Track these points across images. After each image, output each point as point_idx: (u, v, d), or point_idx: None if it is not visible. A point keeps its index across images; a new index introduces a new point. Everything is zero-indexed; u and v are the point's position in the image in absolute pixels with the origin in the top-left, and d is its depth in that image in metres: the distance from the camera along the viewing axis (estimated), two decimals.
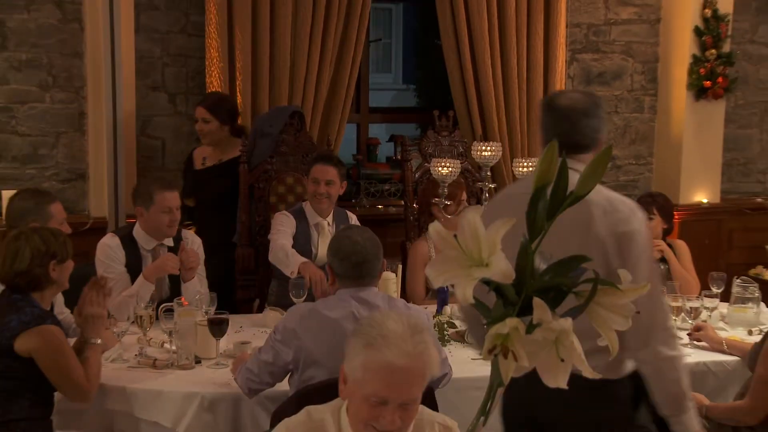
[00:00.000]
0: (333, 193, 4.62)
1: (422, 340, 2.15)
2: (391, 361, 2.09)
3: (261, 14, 5.47)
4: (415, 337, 2.15)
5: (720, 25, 6.30)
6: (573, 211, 1.90)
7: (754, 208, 6.33)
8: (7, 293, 3.35)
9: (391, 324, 2.17)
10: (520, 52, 5.94)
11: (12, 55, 5.53)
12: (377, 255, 3.28)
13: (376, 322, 2.18)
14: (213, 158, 5.24)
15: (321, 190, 4.57)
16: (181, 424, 3.35)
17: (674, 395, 2.88)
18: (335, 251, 3.27)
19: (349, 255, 3.22)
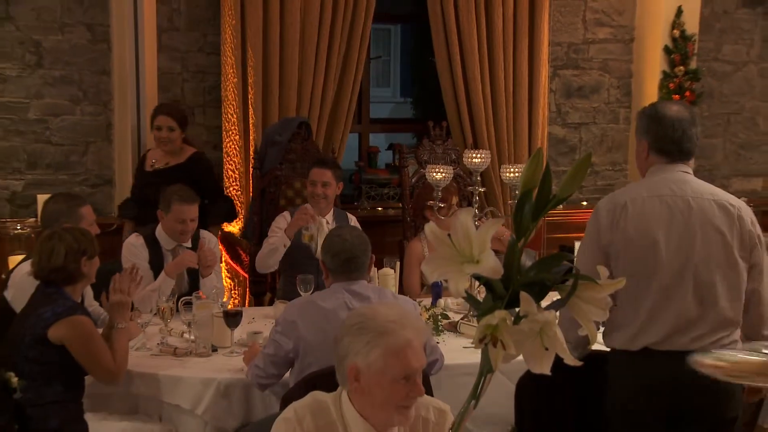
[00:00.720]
0: (329, 194, 4.63)
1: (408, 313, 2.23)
2: (410, 338, 2.14)
3: (271, 35, 5.47)
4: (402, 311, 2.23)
5: (687, 45, 6.32)
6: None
7: None
8: (42, 287, 3.37)
9: (388, 312, 2.21)
10: (507, 68, 5.94)
11: (47, 73, 5.55)
12: (365, 252, 3.31)
13: (375, 315, 2.19)
14: (161, 162, 5.10)
15: (318, 191, 4.59)
16: (200, 407, 3.36)
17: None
18: (327, 249, 3.31)
19: (339, 252, 3.25)
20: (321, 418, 2.17)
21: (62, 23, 5.54)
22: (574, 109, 6.60)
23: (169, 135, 4.97)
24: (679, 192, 2.95)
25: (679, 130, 3.00)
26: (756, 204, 6.14)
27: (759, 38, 6.88)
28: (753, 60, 6.91)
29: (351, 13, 5.61)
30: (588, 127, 6.61)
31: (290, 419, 2.17)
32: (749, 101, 6.95)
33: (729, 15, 6.80)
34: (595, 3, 6.50)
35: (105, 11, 5.57)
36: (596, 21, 6.53)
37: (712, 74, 6.76)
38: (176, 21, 5.71)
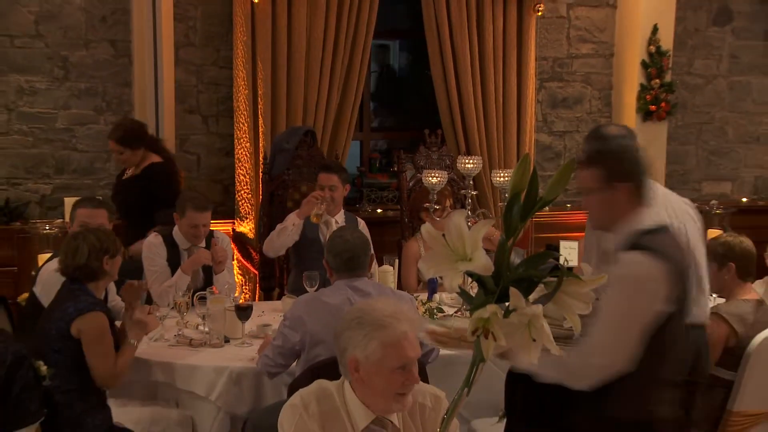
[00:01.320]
0: (336, 196, 4.61)
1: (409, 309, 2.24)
2: (405, 330, 2.12)
3: (279, 50, 5.47)
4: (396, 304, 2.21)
5: (662, 60, 6.34)
6: None
7: None
8: (67, 284, 3.36)
9: (385, 307, 2.19)
10: (497, 81, 5.94)
11: (73, 85, 5.56)
12: (365, 251, 3.31)
13: (373, 310, 2.18)
14: (129, 172, 5.05)
15: (326, 195, 4.57)
16: (213, 393, 3.35)
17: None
18: (330, 248, 3.31)
19: (342, 252, 3.25)
20: (325, 404, 2.16)
21: (87, 40, 5.55)
22: (558, 119, 6.60)
23: (118, 158, 4.95)
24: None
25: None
26: (726, 206, 6.16)
27: (727, 54, 6.91)
28: (722, 74, 6.93)
29: (353, 30, 5.61)
30: (572, 135, 6.61)
31: (296, 405, 2.16)
32: (719, 112, 6.97)
33: (700, 33, 6.82)
34: (578, 21, 6.51)
35: (126, 28, 5.57)
36: (579, 37, 6.53)
37: (685, 87, 6.76)
38: (192, 37, 5.71)
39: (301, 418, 2.13)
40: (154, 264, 4.24)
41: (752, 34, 6.92)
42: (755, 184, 7.13)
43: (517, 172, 1.62)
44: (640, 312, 2.37)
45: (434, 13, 5.76)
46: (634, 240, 2.45)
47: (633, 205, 2.54)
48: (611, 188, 2.54)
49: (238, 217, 5.61)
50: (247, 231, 5.53)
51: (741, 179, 7.10)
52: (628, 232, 2.49)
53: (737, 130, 7.02)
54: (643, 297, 2.38)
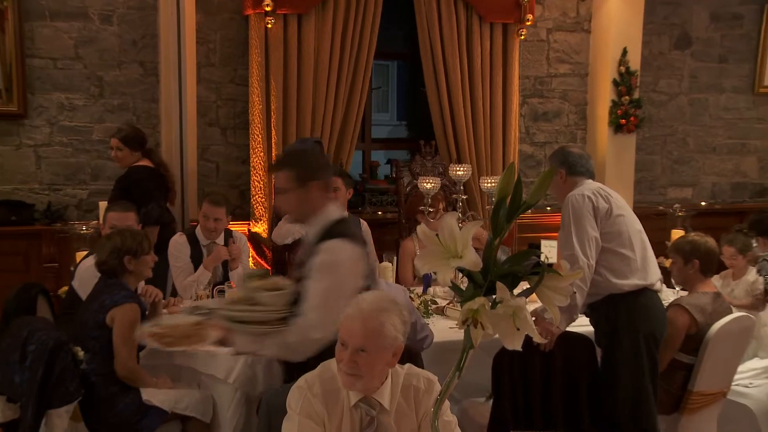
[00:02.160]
0: (340, 198, 4.57)
1: (383, 308, 2.13)
2: (350, 314, 2.12)
3: (290, 69, 5.46)
4: (378, 303, 2.14)
5: (631, 79, 6.36)
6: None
7: (657, 214, 6.30)
8: (104, 278, 3.37)
9: (368, 296, 2.20)
10: (485, 97, 5.93)
11: (107, 101, 5.56)
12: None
13: (361, 296, 2.20)
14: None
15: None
16: (231, 376, 3.34)
17: None
18: None
19: None
20: (328, 385, 2.15)
21: (120, 61, 5.55)
22: (539, 131, 6.60)
23: (116, 154, 4.87)
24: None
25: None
26: (687, 209, 6.16)
27: (687, 74, 6.96)
28: (683, 92, 6.97)
29: (356, 51, 5.60)
30: (551, 145, 6.61)
31: (302, 387, 2.15)
32: (681, 125, 6.99)
33: (664, 55, 6.85)
34: (556, 44, 6.51)
35: (154, 51, 5.57)
36: (557, 58, 6.53)
37: (651, 103, 6.78)
38: (212, 58, 5.71)
39: (305, 397, 2.13)
40: (179, 260, 4.24)
41: (709, 57, 6.97)
42: (712, 189, 7.15)
43: (503, 179, 1.61)
44: (347, 289, 2.49)
45: (428, 37, 5.75)
46: (329, 229, 2.60)
47: (324, 200, 2.72)
48: (304, 187, 2.70)
49: (253, 219, 5.59)
50: (261, 231, 5.52)
51: (700, 185, 7.11)
52: (323, 223, 2.63)
53: (697, 141, 7.04)
54: (349, 276, 2.54)
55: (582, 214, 3.22)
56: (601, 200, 3.27)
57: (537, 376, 3.08)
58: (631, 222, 3.33)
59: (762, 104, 7.09)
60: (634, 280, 3.22)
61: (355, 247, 2.58)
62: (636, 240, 3.29)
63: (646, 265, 3.28)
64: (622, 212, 3.31)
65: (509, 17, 5.89)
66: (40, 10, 5.33)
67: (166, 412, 3.28)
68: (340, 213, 2.74)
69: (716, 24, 6.90)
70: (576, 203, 3.25)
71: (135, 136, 4.86)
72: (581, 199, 3.26)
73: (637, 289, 3.22)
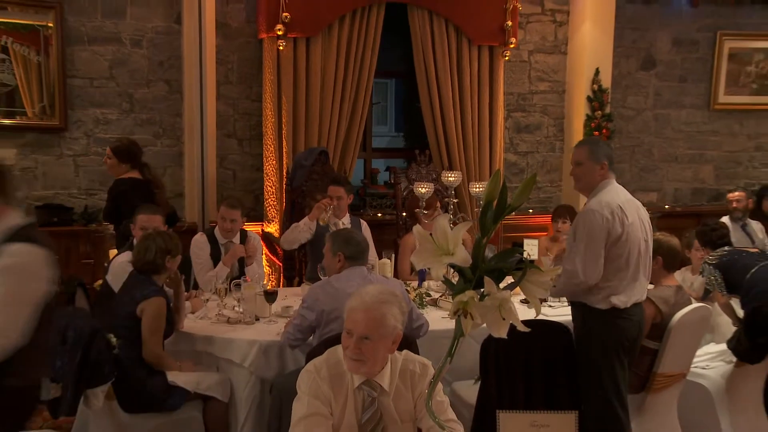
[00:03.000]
0: (342, 204, 4.58)
1: (384, 300, 2.14)
2: (354, 306, 2.12)
3: (299, 86, 5.45)
4: (379, 296, 2.14)
5: (603, 96, 6.35)
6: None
7: None
8: (136, 274, 3.36)
9: (371, 289, 2.19)
10: (473, 111, 5.92)
11: (137, 116, 5.55)
12: (367, 247, 3.35)
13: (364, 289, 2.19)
14: None
15: (333, 203, 4.53)
16: (246, 361, 3.34)
17: None
18: (348, 240, 3.28)
19: (357, 244, 3.26)
20: (333, 369, 2.15)
21: (148, 80, 5.54)
22: (522, 142, 6.59)
23: (106, 161, 4.60)
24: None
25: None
26: (652, 211, 6.14)
27: (652, 92, 6.95)
28: (648, 108, 6.97)
29: (358, 70, 5.59)
30: (533, 154, 6.61)
31: (311, 371, 2.15)
32: (647, 137, 7.00)
33: (631, 75, 6.86)
34: (537, 64, 6.51)
35: (179, 71, 5.56)
36: (538, 77, 6.53)
37: (620, 117, 6.78)
38: (230, 77, 5.70)
39: (314, 380, 2.12)
40: (200, 258, 4.23)
41: (670, 78, 6.98)
42: (675, 194, 7.15)
43: (490, 185, 1.60)
44: (32, 293, 2.19)
45: (422, 58, 5.74)
46: (13, 233, 2.21)
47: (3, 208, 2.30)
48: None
49: (266, 220, 5.58)
50: (273, 231, 5.51)
51: (664, 190, 7.12)
52: (4, 229, 2.23)
53: (661, 151, 7.05)
54: (33, 280, 2.20)
55: (594, 233, 3.02)
56: (617, 224, 3.05)
57: (520, 360, 3.07)
58: (634, 244, 3.11)
59: (716, 119, 7.12)
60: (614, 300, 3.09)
61: (42, 250, 2.22)
62: (632, 263, 3.09)
63: (633, 286, 3.12)
64: (630, 236, 3.08)
65: (495, 40, 5.89)
66: (79, 35, 5.34)
67: (188, 392, 3.28)
68: (24, 219, 2.31)
69: (677, 48, 6.92)
70: (592, 222, 3.04)
71: (125, 149, 4.61)
72: (600, 219, 3.03)
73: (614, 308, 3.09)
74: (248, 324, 3.58)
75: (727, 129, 7.15)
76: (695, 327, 3.49)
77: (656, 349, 3.41)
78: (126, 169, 4.56)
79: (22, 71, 5.17)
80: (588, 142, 3.35)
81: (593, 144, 3.27)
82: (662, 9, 6.76)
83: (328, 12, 5.42)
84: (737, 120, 7.15)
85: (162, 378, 3.26)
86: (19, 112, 5.23)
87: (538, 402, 3.01)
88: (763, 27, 6.95)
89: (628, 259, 3.08)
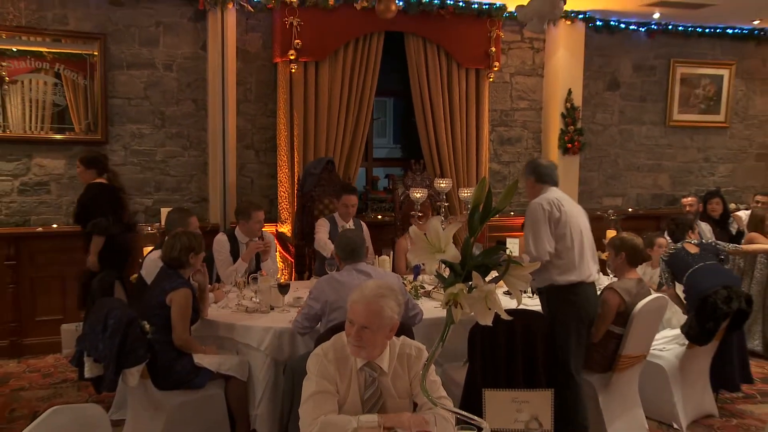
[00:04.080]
0: (353, 211, 4.62)
1: (382, 294, 2.12)
2: (356, 299, 2.10)
3: (309, 104, 5.45)
4: (378, 291, 2.12)
5: (575, 113, 6.35)
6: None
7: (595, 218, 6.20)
8: (164, 269, 3.36)
9: (370, 284, 2.17)
10: (462, 126, 5.92)
11: (167, 130, 5.53)
12: (362, 244, 3.30)
13: (365, 284, 2.17)
14: None
15: (349, 210, 4.58)
16: (263, 345, 3.32)
17: None
18: (338, 244, 3.30)
19: (346, 246, 3.25)
20: (339, 353, 2.13)
21: (177, 99, 5.52)
22: (505, 153, 6.58)
23: (77, 169, 4.53)
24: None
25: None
26: (618, 214, 6.15)
27: (617, 110, 6.95)
28: (614, 124, 6.96)
29: (360, 90, 5.58)
30: (514, 164, 6.59)
31: (319, 354, 2.13)
32: (613, 149, 6.99)
33: (599, 95, 6.85)
34: (517, 85, 6.50)
35: (204, 91, 5.54)
36: (518, 96, 6.52)
37: (590, 132, 6.77)
38: (248, 96, 5.68)
39: (322, 362, 2.11)
40: (221, 254, 4.21)
41: (633, 98, 6.98)
42: (637, 199, 7.15)
43: (477, 190, 1.59)
44: None
45: (417, 79, 5.74)
46: None
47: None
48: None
49: (280, 221, 5.57)
50: (286, 231, 5.50)
51: (628, 195, 7.11)
52: None
53: (625, 161, 7.05)
54: None
55: (537, 219, 3.23)
56: (555, 210, 3.26)
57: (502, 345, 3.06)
58: (575, 228, 3.29)
59: (672, 134, 7.15)
60: (570, 277, 3.24)
61: None
62: (576, 243, 3.27)
63: (582, 263, 3.28)
64: (569, 219, 3.29)
65: (480, 64, 5.90)
66: (119, 62, 5.34)
67: (212, 372, 3.27)
68: None
69: (638, 72, 6.94)
70: (535, 211, 3.26)
71: (90, 157, 4.52)
72: (539, 208, 3.26)
73: (572, 283, 3.25)
74: (264, 313, 3.57)
75: (680, 143, 7.19)
76: (654, 314, 3.50)
77: (621, 334, 3.41)
78: (93, 175, 4.47)
79: (71, 93, 5.21)
80: (528, 164, 3.60)
81: (528, 164, 3.54)
82: (624, 39, 6.80)
83: (334, 39, 5.43)
84: (688, 135, 7.19)
85: (189, 360, 3.25)
86: (68, 129, 5.25)
87: (518, 381, 3.00)
88: (708, 56, 7.08)
89: (572, 238, 3.25)
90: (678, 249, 4.17)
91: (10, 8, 4.97)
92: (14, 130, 5.08)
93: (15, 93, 5.06)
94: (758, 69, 7.31)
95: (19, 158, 5.17)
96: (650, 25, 6.69)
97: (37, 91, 5.12)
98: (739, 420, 3.86)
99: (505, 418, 1.84)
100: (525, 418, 1.84)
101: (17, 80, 5.06)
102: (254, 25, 5.59)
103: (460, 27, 5.78)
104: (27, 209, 5.23)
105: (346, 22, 5.43)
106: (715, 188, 6.71)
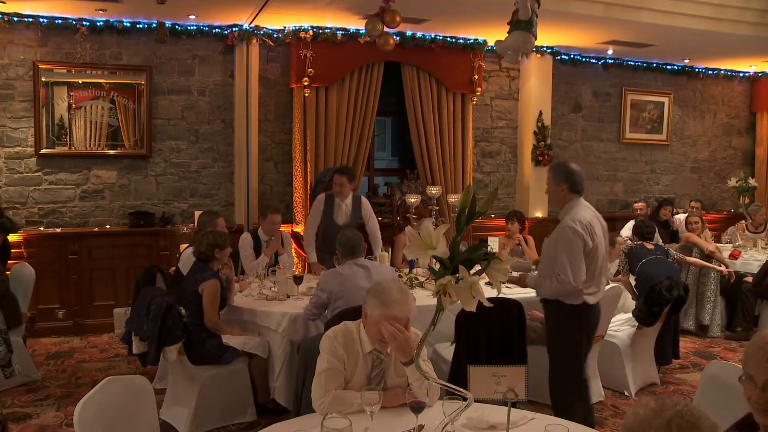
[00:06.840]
0: (345, 191, 4.40)
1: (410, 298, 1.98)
2: (395, 299, 1.95)
3: (320, 123, 5.44)
4: (399, 285, 2.01)
5: (545, 131, 6.35)
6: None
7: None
8: (197, 262, 3.34)
9: (389, 282, 2.05)
10: (450, 141, 5.91)
11: (200, 146, 5.52)
12: (361, 241, 3.26)
13: (385, 289, 1.99)
14: None
15: (337, 189, 4.38)
16: (280, 328, 3.30)
17: None
18: (339, 241, 3.27)
19: (346, 244, 3.23)
20: (347, 336, 2.11)
21: (209, 119, 5.51)
22: (486, 164, 6.57)
23: None
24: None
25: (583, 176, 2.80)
26: None
27: (580, 129, 6.96)
28: (577, 140, 6.97)
29: (363, 111, 5.57)
30: (494, 173, 6.58)
31: (330, 336, 2.11)
32: (576, 162, 6.90)
33: (565, 116, 6.86)
34: (496, 107, 6.50)
35: (232, 112, 5.54)
36: (497, 116, 6.51)
37: (558, 147, 6.77)
38: (269, 116, 5.67)
39: (332, 343, 2.08)
40: (246, 250, 4.20)
41: (593, 119, 7.00)
42: (596, 204, 7.08)
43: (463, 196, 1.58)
44: None
45: (412, 101, 5.73)
46: None
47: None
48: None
49: (295, 222, 5.56)
50: (300, 231, 5.48)
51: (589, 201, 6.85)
52: None
53: (586, 172, 6.75)
54: None
55: (573, 247, 2.67)
56: (588, 238, 2.71)
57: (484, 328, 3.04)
58: (601, 255, 2.78)
59: (625, 150, 7.19)
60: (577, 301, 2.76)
61: None
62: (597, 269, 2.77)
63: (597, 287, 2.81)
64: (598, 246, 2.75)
65: (465, 89, 5.89)
66: (161, 88, 5.36)
67: (238, 351, 3.25)
68: None
69: (596, 98, 6.97)
70: (572, 237, 2.67)
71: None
72: (574, 235, 2.67)
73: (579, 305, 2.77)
74: (281, 300, 3.55)
75: (631, 157, 7.22)
76: (611, 301, 3.53)
77: None
78: None
79: (122, 116, 5.26)
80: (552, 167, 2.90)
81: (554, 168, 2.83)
82: (585, 70, 6.84)
83: (341, 68, 5.43)
84: (638, 150, 7.25)
85: (218, 339, 3.24)
86: (119, 145, 5.29)
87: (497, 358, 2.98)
88: (652, 86, 7.19)
89: (597, 265, 2.78)
90: (639, 245, 4.37)
91: (78, 49, 5.07)
92: (77, 147, 5.17)
93: (79, 117, 5.15)
94: (690, 98, 7.48)
95: (80, 170, 5.23)
96: (606, 59, 6.78)
97: (96, 115, 5.19)
98: (676, 386, 4.02)
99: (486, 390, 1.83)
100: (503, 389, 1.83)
101: (81, 106, 5.14)
102: (274, 57, 5.59)
103: (448, 58, 5.78)
104: (86, 212, 5.26)
105: (352, 53, 5.43)
106: (670, 197, 6.89)
